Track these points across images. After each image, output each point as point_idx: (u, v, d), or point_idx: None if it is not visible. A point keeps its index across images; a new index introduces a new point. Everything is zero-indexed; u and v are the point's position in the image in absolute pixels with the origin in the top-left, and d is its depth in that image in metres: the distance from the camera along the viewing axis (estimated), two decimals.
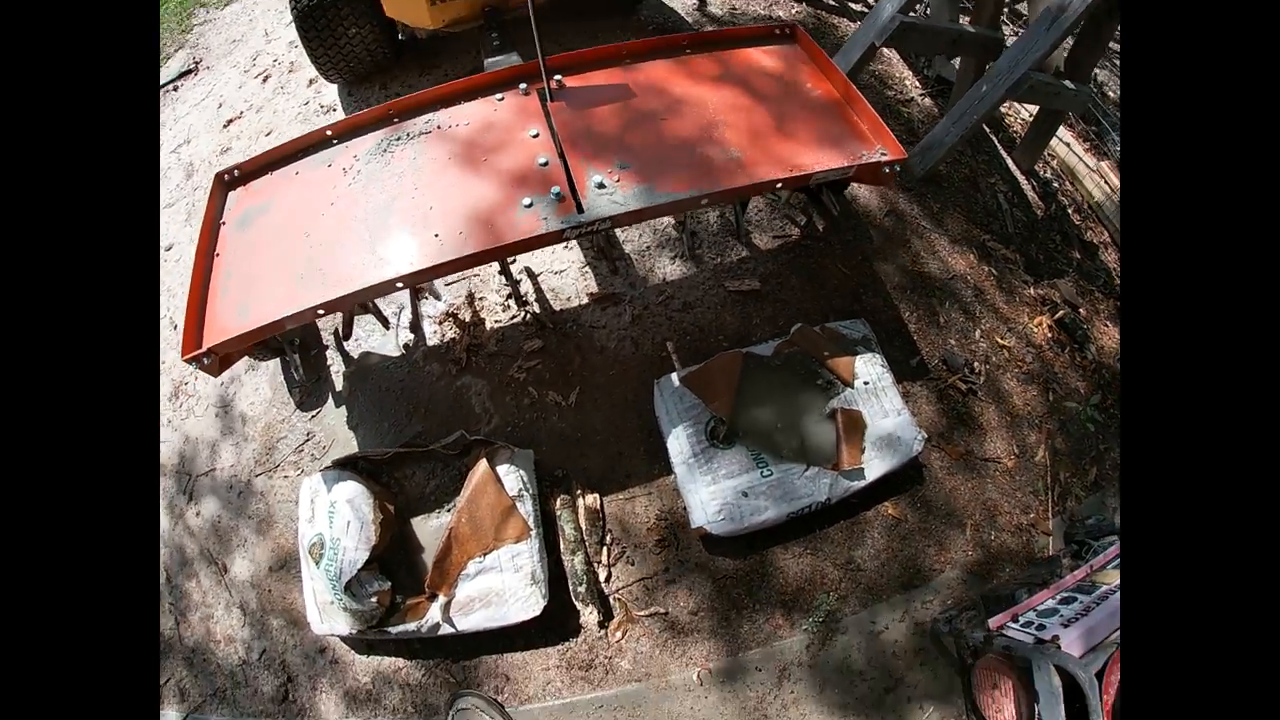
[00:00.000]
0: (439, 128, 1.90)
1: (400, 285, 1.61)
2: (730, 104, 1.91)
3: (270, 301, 1.64)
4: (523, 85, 1.95)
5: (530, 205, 1.68)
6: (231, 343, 1.64)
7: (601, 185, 1.71)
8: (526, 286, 2.26)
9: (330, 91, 2.86)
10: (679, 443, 1.87)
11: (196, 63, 3.54)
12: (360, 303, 1.96)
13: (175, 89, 3.48)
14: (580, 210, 1.66)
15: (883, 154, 1.78)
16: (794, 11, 3.24)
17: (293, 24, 2.51)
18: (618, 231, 2.35)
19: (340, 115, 2.73)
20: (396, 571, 1.85)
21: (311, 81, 2.91)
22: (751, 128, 1.86)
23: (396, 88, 2.75)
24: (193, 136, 3.03)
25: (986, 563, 2.01)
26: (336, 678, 1.95)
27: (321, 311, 1.61)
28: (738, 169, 1.75)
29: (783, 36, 2.11)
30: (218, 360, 1.70)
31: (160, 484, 2.33)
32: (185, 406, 2.36)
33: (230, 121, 2.97)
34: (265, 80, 3.06)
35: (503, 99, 1.94)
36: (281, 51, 3.16)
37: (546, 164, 1.77)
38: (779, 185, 1.76)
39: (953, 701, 1.82)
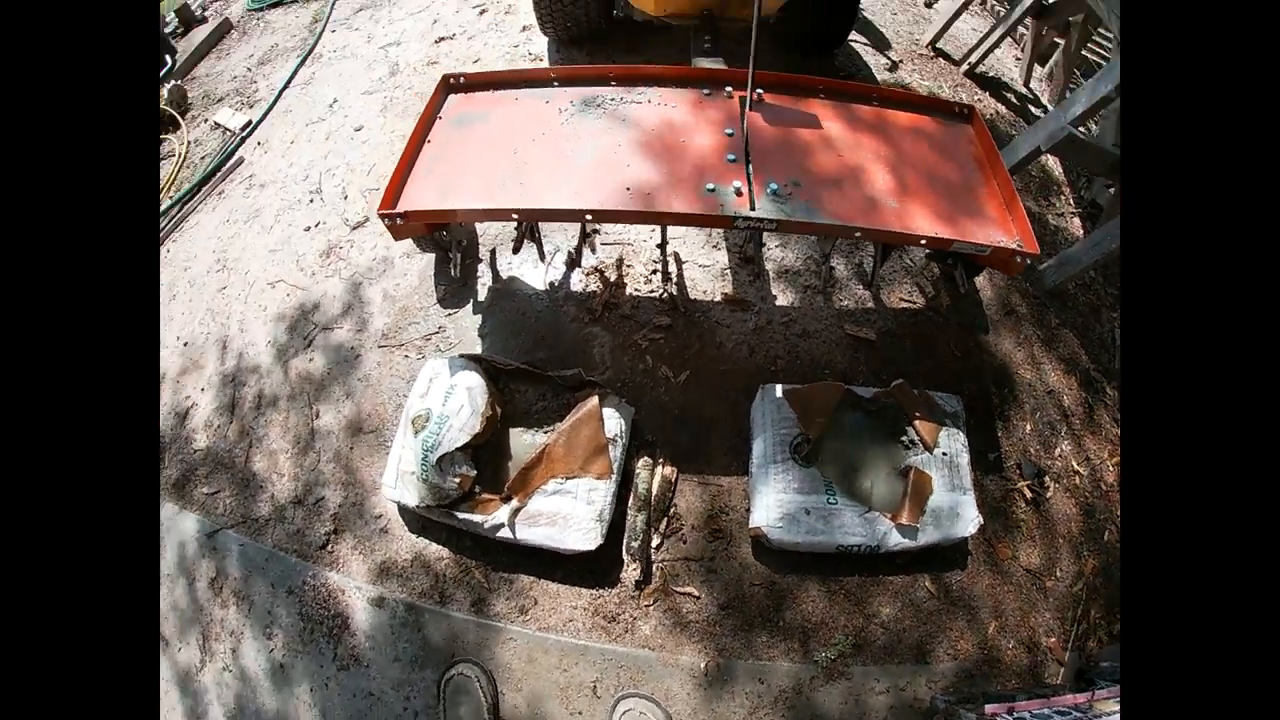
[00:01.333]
0: (649, 101, 2.11)
1: (589, 218, 1.81)
2: (898, 159, 2.07)
3: (471, 194, 1.86)
4: (728, 88, 2.15)
5: (712, 190, 1.86)
6: (426, 214, 1.86)
7: (775, 193, 1.88)
8: (672, 269, 2.43)
9: (540, 43, 3.10)
10: (763, 447, 2.00)
11: None
12: (538, 222, 2.15)
13: None
14: (752, 208, 1.83)
15: (1018, 244, 1.90)
16: (975, 98, 3.38)
17: None
18: (766, 248, 2.51)
19: (547, 66, 2.98)
20: (482, 469, 1.99)
21: (525, 28, 3.16)
22: (911, 186, 2.01)
23: (600, 58, 2.98)
24: (404, 41, 3.32)
25: (995, 665, 2.05)
26: (379, 545, 2.10)
27: (515, 216, 1.82)
28: (892, 216, 1.91)
29: (960, 115, 2.26)
30: (401, 226, 1.91)
31: (270, 331, 2.56)
32: (332, 267, 2.59)
33: (441, 40, 3.24)
34: (482, 14, 3.33)
35: (709, 94, 2.14)
36: None
37: (734, 160, 1.95)
38: (922, 241, 1.90)
39: None
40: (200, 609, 2.17)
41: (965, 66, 3.55)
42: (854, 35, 3.36)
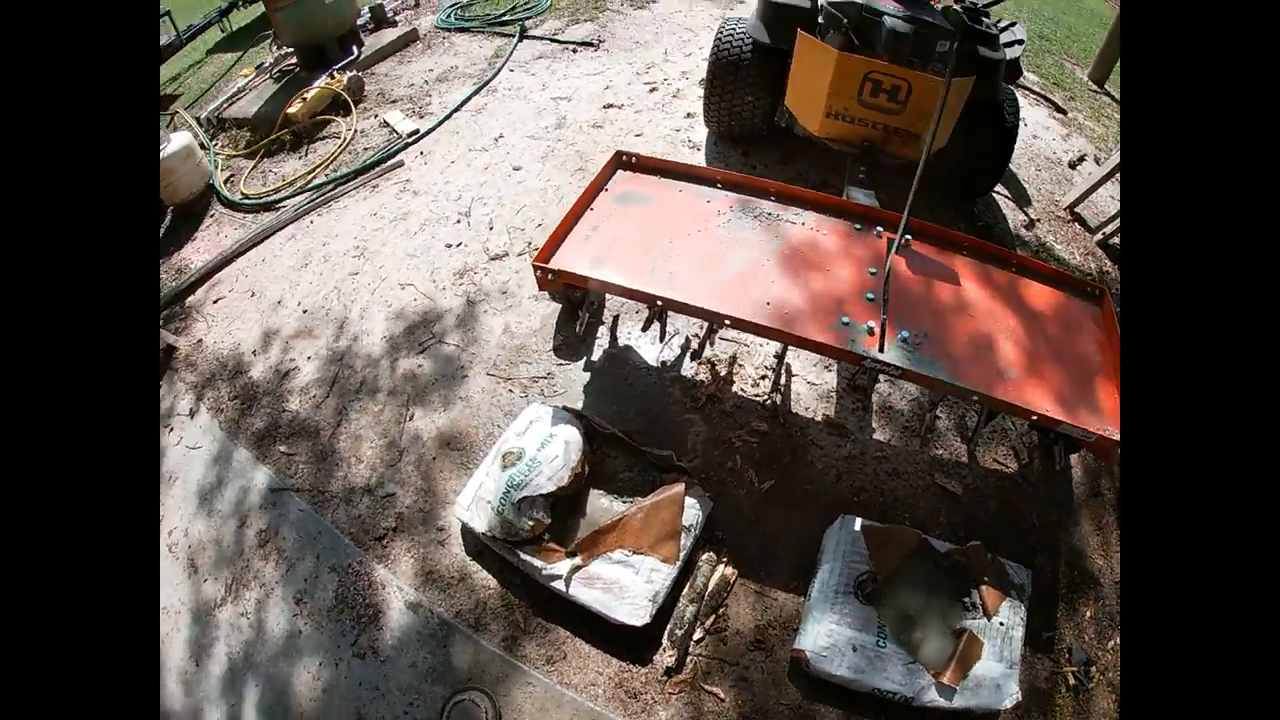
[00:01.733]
0: (803, 223, 2.24)
1: (728, 323, 1.91)
2: (1025, 329, 2.11)
3: (622, 271, 2.01)
4: (879, 228, 2.26)
5: (846, 324, 1.95)
6: (576, 277, 2.01)
7: (905, 340, 1.95)
8: (781, 379, 2.51)
9: (701, 132, 3.31)
10: (828, 575, 2.02)
11: (600, 41, 4.17)
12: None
13: (575, 51, 4.12)
14: (881, 350, 1.90)
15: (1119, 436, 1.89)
16: (1104, 269, 3.38)
17: (691, 57, 2.93)
18: (878, 382, 2.57)
19: (703, 156, 3.20)
20: (555, 520, 2.08)
21: (689, 115, 3.38)
22: (1032, 357, 2.04)
23: (754, 160, 3.15)
24: (574, 97, 3.58)
25: None
26: (433, 555, 2.18)
27: (660, 304, 1.94)
28: (1010, 386, 1.94)
29: (1091, 295, 2.29)
30: (551, 280, 2.07)
31: (389, 326, 2.75)
32: (463, 288, 2.78)
33: (609, 106, 3.49)
34: (652, 91, 3.58)
35: (859, 229, 2.25)
36: (674, 75, 3.67)
37: (872, 300, 2.04)
38: (1033, 417, 1.91)
39: None
40: (240, 553, 2.29)
41: (1099, 235, 3.56)
42: (997, 187, 3.45)
